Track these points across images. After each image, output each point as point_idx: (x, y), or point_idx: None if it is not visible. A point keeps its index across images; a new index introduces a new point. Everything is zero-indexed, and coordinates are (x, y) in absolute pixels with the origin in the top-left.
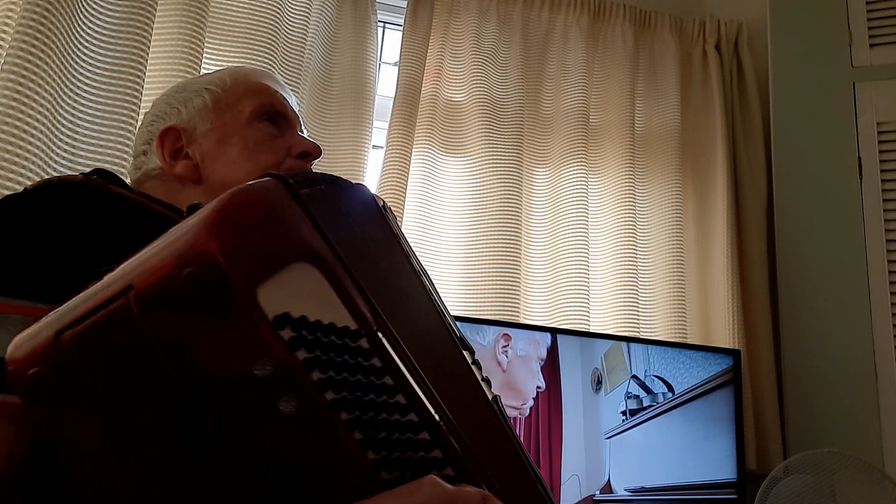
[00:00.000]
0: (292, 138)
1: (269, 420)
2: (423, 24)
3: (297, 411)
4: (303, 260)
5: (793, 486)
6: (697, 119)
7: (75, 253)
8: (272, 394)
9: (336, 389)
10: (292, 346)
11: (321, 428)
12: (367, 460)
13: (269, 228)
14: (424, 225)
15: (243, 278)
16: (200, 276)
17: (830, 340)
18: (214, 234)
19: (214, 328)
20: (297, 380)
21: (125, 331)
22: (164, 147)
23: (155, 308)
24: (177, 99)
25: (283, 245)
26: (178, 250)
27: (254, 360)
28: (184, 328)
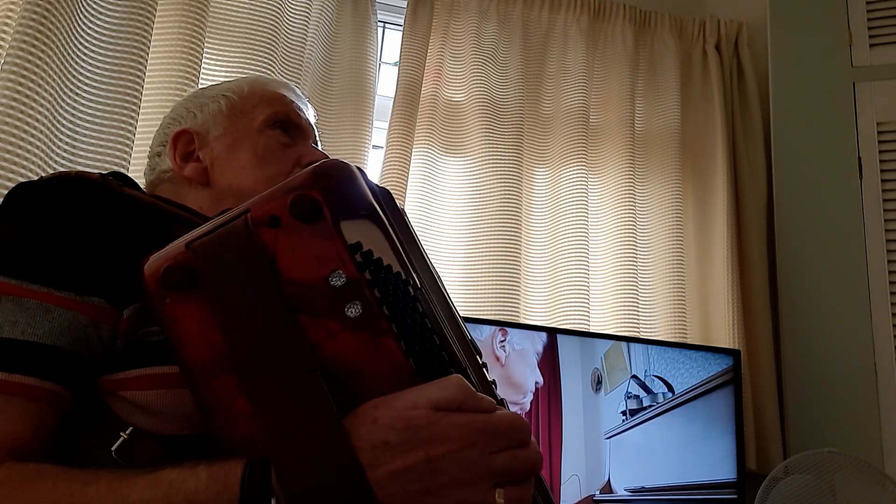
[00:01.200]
0: (304, 148)
1: (338, 320)
2: (423, 24)
3: (360, 315)
4: (369, 219)
5: (793, 486)
6: (697, 119)
7: (87, 247)
8: (343, 298)
9: (389, 308)
10: (361, 266)
11: (377, 331)
12: (409, 364)
13: (352, 186)
14: (424, 225)
15: (332, 209)
16: (302, 202)
17: (830, 340)
18: (315, 179)
19: (306, 242)
20: (362, 291)
21: (240, 241)
22: (176, 149)
23: (264, 224)
24: (194, 104)
25: (359, 201)
26: (287, 187)
27: (331, 270)
28: (283, 241)
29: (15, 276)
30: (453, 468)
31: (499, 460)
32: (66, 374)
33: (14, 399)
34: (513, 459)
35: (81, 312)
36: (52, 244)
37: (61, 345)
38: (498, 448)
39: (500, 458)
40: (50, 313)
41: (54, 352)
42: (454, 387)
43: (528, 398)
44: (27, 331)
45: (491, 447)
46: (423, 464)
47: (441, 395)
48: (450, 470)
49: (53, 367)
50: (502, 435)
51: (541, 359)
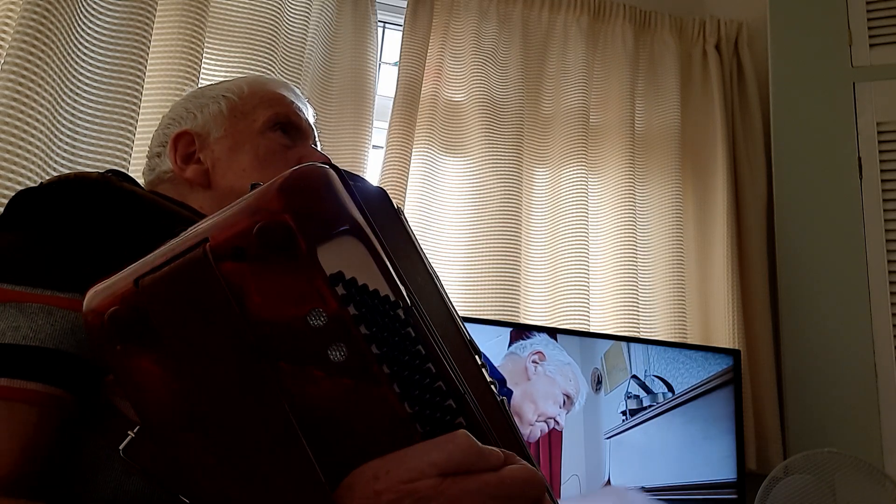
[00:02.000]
0: (304, 150)
1: (319, 366)
2: (423, 24)
3: (346, 359)
4: (351, 234)
5: (793, 486)
6: (697, 119)
7: (89, 246)
8: (324, 342)
9: (379, 345)
10: (344, 301)
11: (366, 377)
12: (405, 411)
13: (328, 200)
14: (424, 225)
15: (307, 235)
16: (270, 230)
17: (830, 340)
18: (284, 198)
19: (278, 277)
20: (347, 330)
21: (199, 277)
22: (177, 151)
23: (227, 257)
24: (194, 104)
25: (338, 216)
26: (250, 208)
27: (309, 308)
28: (251, 276)
29: (18, 282)
30: None
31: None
32: (68, 377)
33: (17, 404)
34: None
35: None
36: (54, 247)
37: (64, 347)
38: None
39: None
40: (52, 316)
41: (56, 355)
42: (460, 449)
43: (538, 427)
44: (29, 335)
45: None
46: None
47: (447, 458)
48: None
49: (56, 371)
50: (517, 497)
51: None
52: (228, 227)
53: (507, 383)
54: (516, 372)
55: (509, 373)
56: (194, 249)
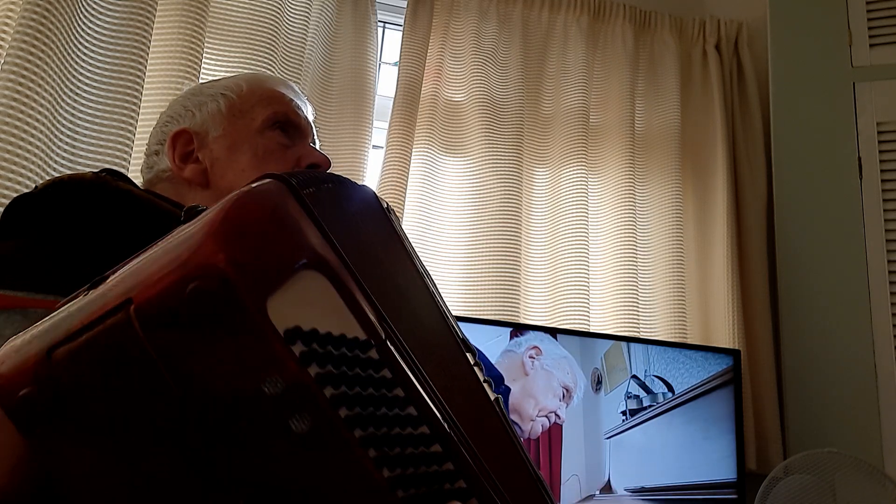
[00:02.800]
0: (303, 149)
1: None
2: (423, 24)
3: (311, 430)
4: (310, 268)
5: (793, 486)
6: (697, 119)
7: (86, 248)
8: (284, 413)
9: (349, 406)
10: (304, 361)
11: (336, 447)
12: (383, 479)
13: (276, 235)
14: (424, 225)
15: (253, 291)
16: (207, 292)
17: (830, 340)
18: (220, 244)
19: (222, 345)
20: (310, 397)
21: (124, 348)
22: (175, 149)
23: (157, 324)
24: (192, 102)
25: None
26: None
27: (264, 377)
28: (188, 346)
29: (21, 288)
30: None
31: None
32: None
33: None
34: None
35: None
36: (55, 252)
37: None
38: None
39: None
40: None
41: None
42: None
43: (539, 422)
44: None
45: None
46: None
47: None
48: None
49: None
50: None
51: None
52: (154, 282)
53: (506, 380)
54: (514, 368)
55: (506, 369)
56: (116, 313)
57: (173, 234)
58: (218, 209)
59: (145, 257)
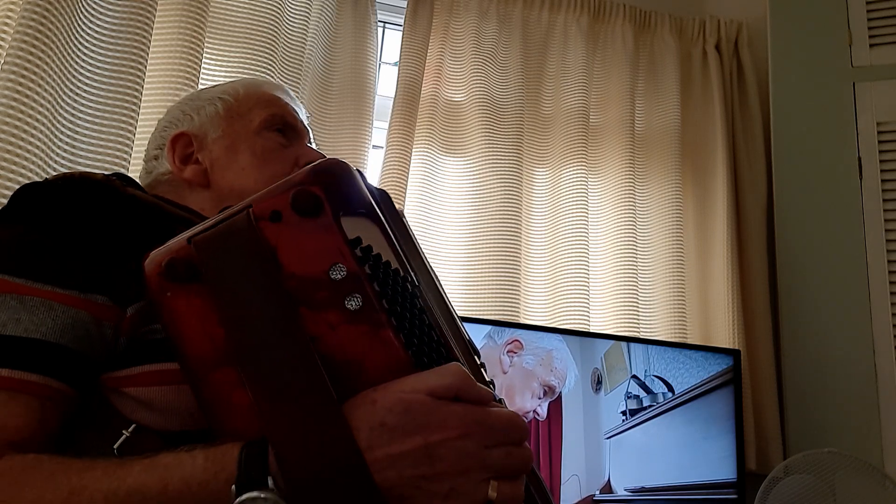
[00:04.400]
0: (300, 149)
1: (338, 312)
2: (423, 24)
3: (361, 308)
4: (367, 217)
5: (793, 486)
6: (697, 119)
7: (90, 245)
8: (343, 293)
9: (389, 301)
10: (361, 261)
11: (377, 323)
12: (408, 356)
13: (351, 184)
14: (424, 225)
15: (332, 204)
16: (303, 197)
17: (830, 340)
18: (315, 174)
19: (307, 237)
20: (362, 285)
21: (243, 234)
22: (175, 152)
23: (266, 219)
24: (190, 106)
25: (359, 199)
26: (288, 184)
27: (332, 263)
28: (285, 235)
29: (19, 274)
30: (450, 456)
31: (494, 454)
32: (69, 372)
33: (18, 395)
34: (508, 455)
35: (85, 310)
36: (56, 243)
37: (64, 342)
38: (494, 442)
39: (496, 453)
40: (53, 311)
41: (57, 349)
42: (452, 374)
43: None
44: (30, 328)
45: (487, 441)
46: (420, 449)
47: (439, 382)
48: (446, 457)
49: (57, 365)
50: (499, 430)
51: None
52: (269, 197)
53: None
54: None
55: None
56: (239, 214)
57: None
58: (315, 162)
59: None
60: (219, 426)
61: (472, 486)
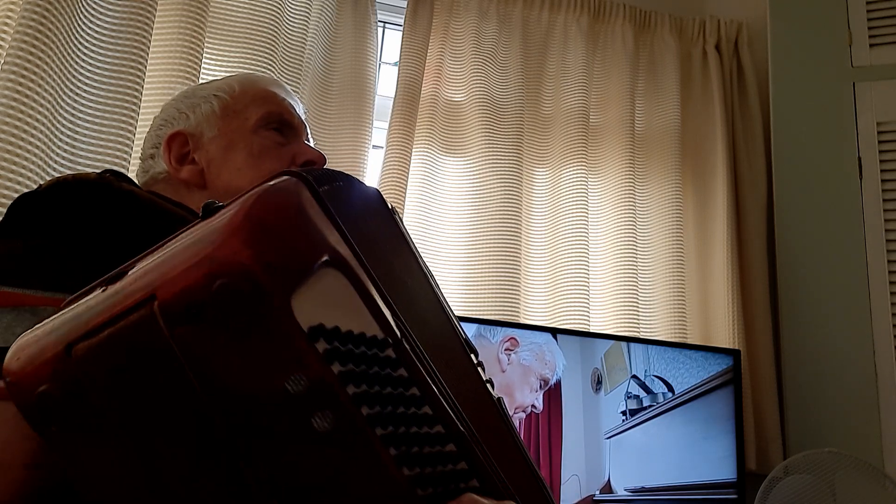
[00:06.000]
0: (297, 147)
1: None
2: (423, 24)
3: (334, 428)
4: (331, 265)
5: (793, 486)
6: (697, 119)
7: (92, 247)
8: (307, 411)
9: (370, 404)
10: (328, 359)
11: (358, 445)
12: (404, 477)
13: (298, 233)
14: (424, 225)
15: (279, 290)
16: (234, 289)
17: (830, 340)
18: (245, 241)
19: (247, 342)
20: (333, 395)
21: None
22: (171, 152)
23: (182, 321)
24: (185, 104)
25: (312, 250)
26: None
27: (288, 375)
28: (213, 343)
29: (30, 286)
30: None
31: None
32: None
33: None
34: None
35: None
36: (62, 251)
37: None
38: None
39: None
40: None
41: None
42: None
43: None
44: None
45: None
46: None
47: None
48: None
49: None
50: None
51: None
52: (179, 278)
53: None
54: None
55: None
56: (139, 309)
57: (193, 230)
58: (239, 206)
59: (166, 252)
60: None
61: None
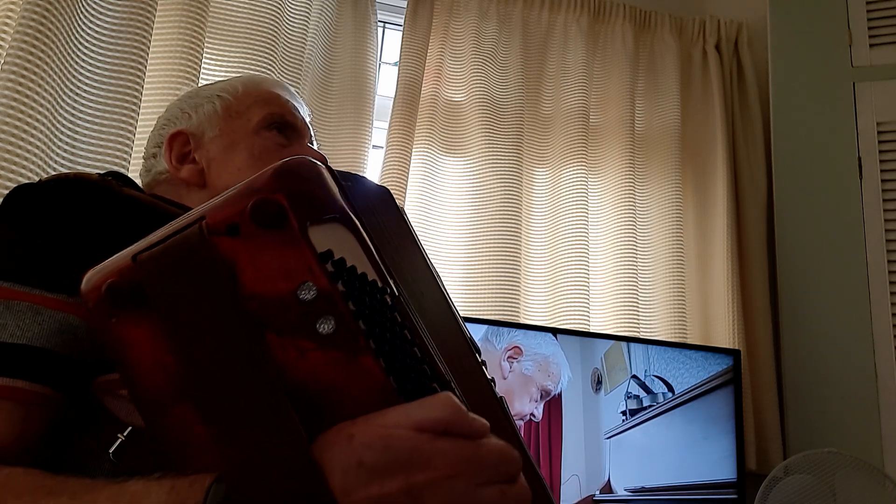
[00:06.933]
0: (300, 148)
1: (309, 336)
2: (423, 24)
3: (334, 332)
4: (339, 222)
5: (793, 486)
6: (697, 119)
7: (82, 248)
8: (314, 315)
9: (366, 322)
10: (333, 277)
11: (353, 349)
12: (390, 384)
13: (319, 187)
14: (424, 225)
15: (298, 214)
16: (263, 207)
17: (830, 340)
18: (277, 179)
19: (270, 252)
20: (336, 305)
21: (195, 252)
22: (172, 151)
23: (222, 233)
24: (189, 104)
25: (328, 203)
26: (246, 190)
27: (300, 282)
28: (244, 251)
29: (8, 279)
30: (436, 499)
31: (486, 495)
32: (56, 376)
33: (2, 402)
34: (502, 496)
35: (73, 314)
36: (46, 247)
37: (50, 347)
38: (486, 481)
39: (489, 493)
40: (40, 315)
41: (43, 354)
42: (441, 407)
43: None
44: (16, 333)
45: (479, 479)
46: (403, 492)
47: (426, 415)
48: (432, 500)
49: (43, 370)
50: (491, 467)
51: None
52: (224, 206)
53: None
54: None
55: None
56: (191, 227)
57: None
58: (273, 165)
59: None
60: (181, 463)
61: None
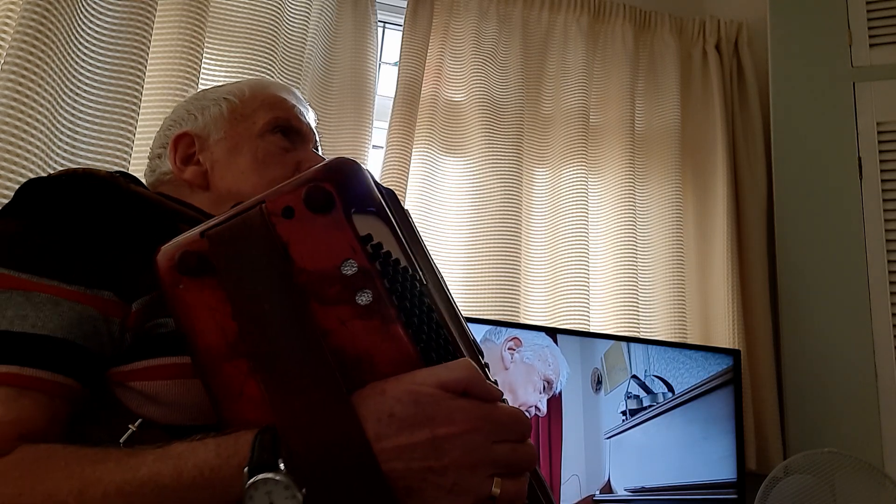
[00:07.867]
0: (304, 153)
1: (349, 307)
2: (423, 24)
3: (371, 303)
4: (377, 215)
5: (793, 486)
6: (697, 119)
7: (95, 242)
8: (354, 287)
9: (398, 297)
10: (372, 257)
11: (386, 318)
12: (416, 350)
13: (362, 182)
14: (424, 225)
15: (344, 201)
16: (315, 194)
17: (830, 340)
18: (327, 172)
19: (319, 233)
20: (373, 280)
21: (255, 230)
22: (177, 152)
23: (279, 215)
24: (195, 106)
25: (368, 197)
26: (300, 180)
27: (343, 259)
28: (297, 231)
29: (24, 270)
30: (456, 451)
31: (500, 451)
32: (77, 367)
33: (28, 392)
34: (513, 452)
35: (91, 306)
36: (61, 239)
37: (71, 338)
38: (500, 438)
39: (501, 449)
40: (59, 307)
41: (65, 345)
42: (462, 369)
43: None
44: (37, 324)
45: (493, 436)
46: (427, 442)
47: (449, 376)
48: (453, 452)
49: (64, 360)
50: (505, 426)
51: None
52: (282, 193)
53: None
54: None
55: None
56: (252, 209)
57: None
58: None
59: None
60: (230, 418)
61: (477, 481)
